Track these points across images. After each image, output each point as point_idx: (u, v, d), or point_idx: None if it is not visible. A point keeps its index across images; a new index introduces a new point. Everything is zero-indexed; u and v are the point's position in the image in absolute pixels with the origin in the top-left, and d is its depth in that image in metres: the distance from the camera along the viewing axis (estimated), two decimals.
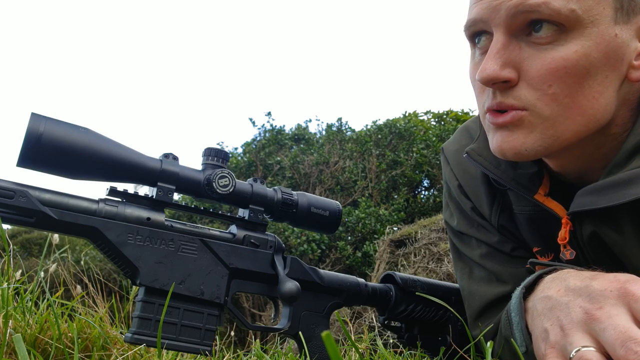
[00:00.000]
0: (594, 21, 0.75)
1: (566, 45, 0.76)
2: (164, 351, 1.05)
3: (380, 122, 11.89)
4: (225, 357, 1.16)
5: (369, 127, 12.15)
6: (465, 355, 0.98)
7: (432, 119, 13.04)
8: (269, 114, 12.46)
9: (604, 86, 0.78)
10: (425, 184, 12.26)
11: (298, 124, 12.86)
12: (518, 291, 0.79)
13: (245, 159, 11.46)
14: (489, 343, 0.80)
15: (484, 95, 0.85)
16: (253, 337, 2.79)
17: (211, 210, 0.93)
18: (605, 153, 0.85)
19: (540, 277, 0.79)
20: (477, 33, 0.85)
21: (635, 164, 0.79)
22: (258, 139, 11.95)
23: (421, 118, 12.93)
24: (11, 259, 1.35)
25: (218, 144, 11.81)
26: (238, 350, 1.30)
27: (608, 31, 0.76)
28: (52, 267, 1.69)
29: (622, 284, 0.63)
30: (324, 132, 12.55)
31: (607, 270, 0.72)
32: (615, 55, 0.77)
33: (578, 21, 0.74)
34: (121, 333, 1.14)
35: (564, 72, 0.76)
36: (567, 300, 0.67)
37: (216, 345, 1.36)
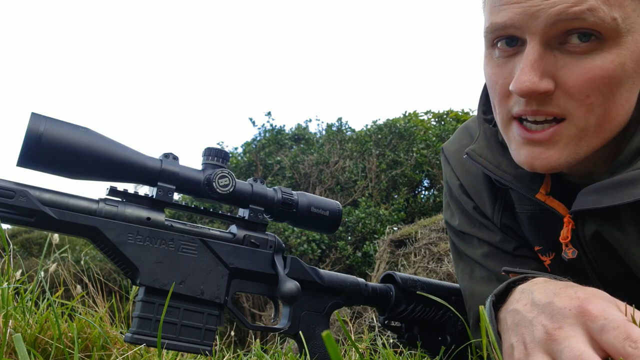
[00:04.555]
0: (630, 30, 0.74)
1: (602, 55, 0.74)
2: (164, 351, 1.05)
3: (380, 122, 11.89)
4: (225, 357, 1.16)
5: (369, 127, 12.15)
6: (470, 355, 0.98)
7: (432, 119, 13.04)
8: (269, 113, 12.48)
9: (631, 93, 0.78)
10: (425, 184, 12.26)
11: (298, 124, 12.87)
12: (488, 300, 0.80)
13: (245, 159, 11.46)
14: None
15: (509, 100, 0.82)
16: (253, 337, 2.79)
17: (211, 210, 0.93)
18: (615, 155, 0.85)
19: (510, 287, 0.81)
20: (502, 37, 0.80)
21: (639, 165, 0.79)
22: (258, 138, 11.95)
23: (421, 118, 12.92)
24: (11, 258, 1.34)
25: (218, 144, 11.81)
26: (238, 350, 1.30)
27: None
28: (52, 267, 1.69)
29: (580, 302, 0.65)
30: (324, 132, 12.55)
31: (582, 282, 0.74)
32: None
33: (617, 30, 0.73)
34: (121, 333, 1.14)
35: (602, 82, 0.74)
36: (532, 317, 0.70)
37: (216, 345, 1.36)
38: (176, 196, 0.88)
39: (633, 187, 0.77)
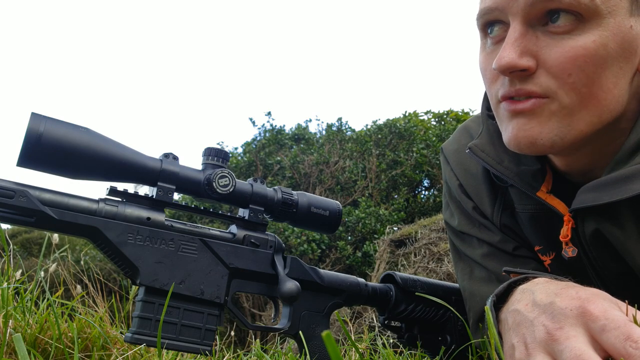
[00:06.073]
0: (611, 12, 0.75)
1: (584, 35, 0.76)
2: (164, 351, 1.05)
3: (380, 122, 11.89)
4: (225, 357, 1.16)
5: (369, 127, 12.16)
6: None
7: (432, 119, 13.04)
8: (269, 113, 12.48)
9: (618, 77, 0.78)
10: (425, 184, 12.26)
11: (298, 124, 12.87)
12: (489, 300, 0.80)
13: (245, 159, 11.46)
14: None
15: (496, 84, 0.84)
16: (253, 337, 2.79)
17: (211, 210, 0.93)
18: (612, 150, 0.85)
19: (511, 287, 0.81)
20: (490, 22, 0.84)
21: (638, 160, 0.79)
22: (258, 138, 11.95)
23: (421, 118, 12.93)
24: (11, 258, 1.34)
25: (218, 143, 11.81)
26: (238, 350, 1.30)
27: (624, 22, 0.76)
28: (52, 267, 1.69)
29: (582, 302, 0.65)
30: (324, 132, 12.56)
31: (582, 281, 0.74)
32: (629, 46, 0.77)
33: (596, 11, 0.75)
34: (121, 333, 1.14)
35: (583, 61, 0.76)
36: (533, 317, 0.70)
37: (216, 345, 1.36)
38: (176, 196, 0.88)
39: (631, 182, 0.77)
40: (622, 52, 0.77)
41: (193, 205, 0.92)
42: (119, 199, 0.84)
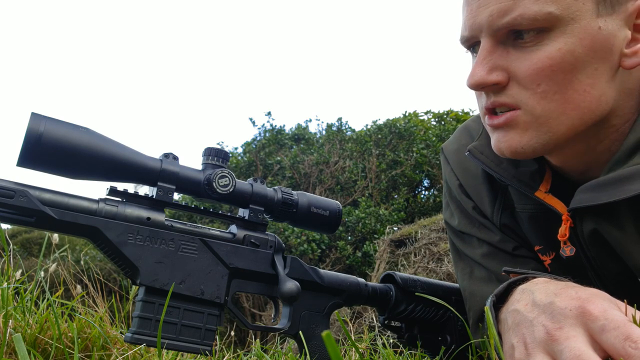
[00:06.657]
0: (574, 18, 0.77)
1: (550, 44, 0.78)
2: (164, 351, 1.05)
3: (380, 122, 11.89)
4: (225, 357, 1.16)
5: (369, 127, 12.15)
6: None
7: (432, 119, 13.04)
8: (269, 113, 12.47)
9: (595, 78, 0.79)
10: (425, 184, 12.26)
11: (298, 124, 12.87)
12: (489, 300, 0.81)
13: (245, 159, 11.46)
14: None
15: (482, 96, 0.88)
16: (253, 337, 2.79)
17: (211, 210, 0.93)
18: (608, 146, 0.85)
19: (511, 287, 0.81)
20: (472, 45, 0.89)
21: (636, 160, 0.79)
22: (258, 138, 11.95)
23: (421, 118, 12.93)
24: (11, 258, 1.35)
25: (218, 143, 11.81)
26: (238, 350, 1.30)
27: (591, 25, 0.77)
28: (52, 267, 1.69)
29: (581, 302, 0.66)
30: (324, 132, 12.55)
31: (582, 281, 0.75)
32: (602, 47, 0.78)
33: (558, 20, 0.77)
34: (121, 333, 1.14)
35: (550, 70, 0.78)
36: (532, 317, 0.71)
37: (216, 345, 1.36)
38: (176, 196, 0.88)
39: (630, 183, 0.77)
40: (594, 54, 0.78)
41: (193, 205, 0.92)
42: (119, 199, 0.84)
